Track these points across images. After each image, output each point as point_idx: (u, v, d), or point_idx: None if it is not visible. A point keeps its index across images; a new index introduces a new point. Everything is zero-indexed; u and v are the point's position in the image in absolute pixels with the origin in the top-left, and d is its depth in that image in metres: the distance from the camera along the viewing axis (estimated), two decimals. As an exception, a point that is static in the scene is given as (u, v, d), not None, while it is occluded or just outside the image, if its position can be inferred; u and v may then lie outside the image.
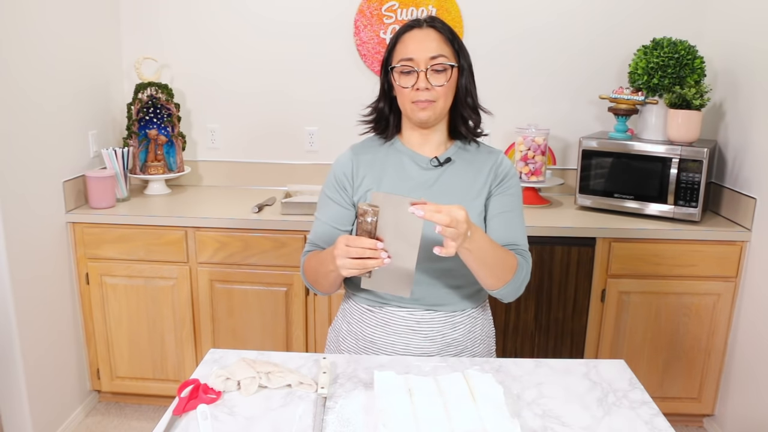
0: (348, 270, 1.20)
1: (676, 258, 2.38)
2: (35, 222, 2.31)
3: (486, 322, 1.53)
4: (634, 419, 1.17)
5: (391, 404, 1.13)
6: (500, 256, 1.33)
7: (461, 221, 1.16)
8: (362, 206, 1.18)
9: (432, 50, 1.35)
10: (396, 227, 1.18)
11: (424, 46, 1.35)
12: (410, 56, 1.35)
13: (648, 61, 2.48)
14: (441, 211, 1.14)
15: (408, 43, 1.37)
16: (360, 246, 1.18)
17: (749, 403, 2.35)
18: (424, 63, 1.35)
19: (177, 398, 1.19)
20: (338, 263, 1.21)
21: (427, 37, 1.37)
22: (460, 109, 1.43)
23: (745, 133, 2.45)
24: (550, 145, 2.80)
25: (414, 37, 1.37)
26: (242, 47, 2.89)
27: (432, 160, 1.43)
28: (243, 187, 3.01)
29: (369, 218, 1.18)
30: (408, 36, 1.38)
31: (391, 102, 1.46)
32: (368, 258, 1.18)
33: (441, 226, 1.14)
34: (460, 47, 1.40)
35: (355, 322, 1.48)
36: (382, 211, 1.18)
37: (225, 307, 2.53)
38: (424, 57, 1.35)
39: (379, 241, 1.19)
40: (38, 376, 2.34)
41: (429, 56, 1.35)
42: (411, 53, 1.35)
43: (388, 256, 1.18)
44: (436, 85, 1.35)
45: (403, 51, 1.37)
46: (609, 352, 2.48)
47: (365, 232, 1.19)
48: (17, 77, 2.19)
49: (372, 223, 1.18)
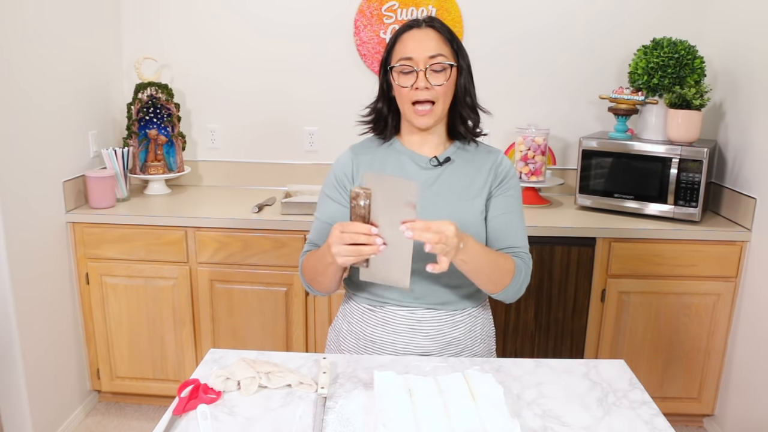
0: (344, 258, 1.19)
1: (676, 258, 2.38)
2: (35, 222, 2.31)
3: (486, 321, 1.53)
4: (634, 419, 1.17)
5: (391, 404, 1.13)
6: (496, 261, 1.34)
7: (451, 236, 1.17)
8: (354, 190, 1.17)
9: (431, 49, 1.35)
10: (390, 210, 1.16)
11: (423, 45, 1.36)
12: (409, 55, 1.36)
13: (648, 61, 2.48)
14: (430, 229, 1.15)
15: (407, 43, 1.37)
16: (353, 231, 1.17)
17: (749, 403, 2.35)
18: (423, 62, 1.35)
19: (177, 398, 1.19)
20: (333, 251, 1.20)
21: (426, 37, 1.37)
22: (459, 108, 1.43)
23: (745, 133, 2.45)
24: (550, 145, 2.80)
25: (413, 37, 1.37)
26: (242, 47, 2.89)
27: (431, 159, 1.44)
28: (243, 187, 3.01)
29: (362, 201, 1.16)
30: (407, 36, 1.38)
31: (390, 102, 1.45)
32: (363, 244, 1.17)
33: (431, 244, 1.16)
34: (458, 47, 1.40)
35: (355, 322, 1.48)
36: (374, 193, 1.16)
37: (225, 307, 2.53)
38: (423, 56, 1.35)
39: (374, 226, 1.17)
40: (38, 376, 2.34)
41: (428, 55, 1.35)
42: (410, 52, 1.36)
43: (383, 242, 1.17)
44: (435, 84, 1.35)
45: (402, 50, 1.37)
46: (609, 352, 2.48)
47: (359, 217, 1.17)
48: (18, 77, 2.19)
49: (365, 207, 1.16)
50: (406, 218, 1.16)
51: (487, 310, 1.55)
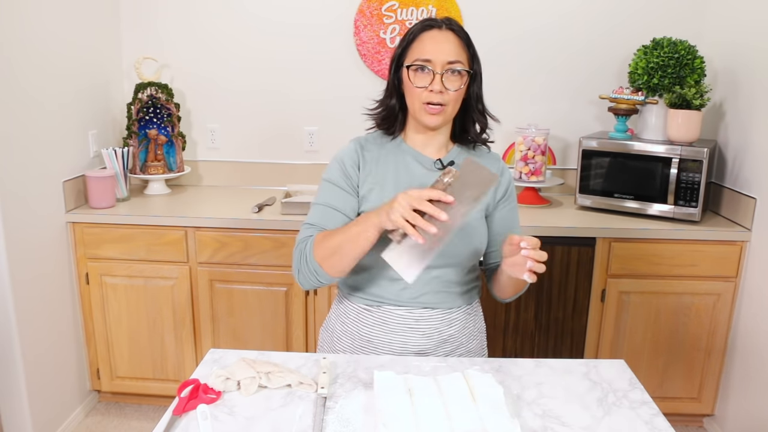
0: (399, 215, 1.15)
1: (676, 258, 2.38)
2: (35, 222, 2.31)
3: (478, 319, 1.56)
4: (634, 419, 1.17)
5: (391, 404, 1.13)
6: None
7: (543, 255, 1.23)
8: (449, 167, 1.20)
9: (451, 54, 1.34)
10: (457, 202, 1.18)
11: (443, 48, 1.34)
12: (428, 57, 1.34)
13: (648, 61, 2.48)
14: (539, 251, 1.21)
15: (426, 43, 1.35)
16: (429, 196, 1.15)
17: (749, 403, 2.35)
18: (441, 66, 1.34)
19: (177, 398, 1.19)
20: (395, 205, 1.16)
21: (446, 40, 1.35)
22: (471, 113, 1.44)
23: (745, 133, 2.45)
24: (550, 145, 2.80)
25: (432, 38, 1.36)
26: (242, 47, 2.89)
27: (436, 162, 1.44)
28: (243, 187, 3.01)
29: (446, 179, 1.19)
30: (426, 36, 1.36)
31: (400, 99, 1.43)
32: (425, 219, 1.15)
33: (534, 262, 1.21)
34: (474, 53, 1.40)
35: (351, 322, 1.48)
36: (461, 177, 1.18)
37: (225, 307, 2.53)
38: (442, 60, 1.34)
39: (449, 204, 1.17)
40: (38, 375, 2.34)
41: (447, 60, 1.34)
42: (429, 54, 1.34)
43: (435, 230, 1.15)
44: (450, 89, 1.34)
45: (420, 50, 1.35)
46: (609, 352, 2.48)
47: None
48: (18, 76, 2.19)
49: (447, 184, 1.19)
50: (458, 217, 1.18)
51: (479, 308, 1.57)
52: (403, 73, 1.39)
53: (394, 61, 1.42)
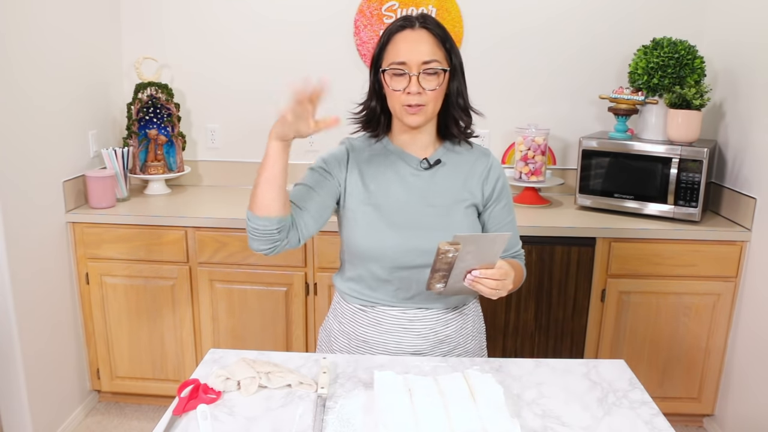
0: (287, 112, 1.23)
1: (676, 258, 2.38)
2: (35, 222, 2.31)
3: (477, 319, 1.55)
4: (634, 419, 1.17)
5: (391, 404, 1.13)
6: (519, 274, 1.44)
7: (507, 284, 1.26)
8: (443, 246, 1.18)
9: (425, 54, 1.31)
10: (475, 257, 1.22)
11: (417, 49, 1.31)
12: (402, 59, 1.31)
13: (648, 61, 2.48)
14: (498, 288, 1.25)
15: (400, 45, 1.33)
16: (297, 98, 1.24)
17: (749, 403, 2.35)
18: (417, 67, 1.31)
19: (177, 398, 1.19)
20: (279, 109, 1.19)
21: (420, 40, 1.32)
22: (451, 110, 1.41)
23: (745, 133, 2.45)
24: (550, 145, 2.80)
25: (406, 39, 1.33)
26: (242, 47, 2.89)
27: (422, 161, 1.42)
28: (243, 187, 3.01)
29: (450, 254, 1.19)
30: (399, 37, 1.34)
31: (382, 101, 1.42)
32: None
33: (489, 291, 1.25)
34: (451, 47, 1.36)
35: (346, 322, 1.49)
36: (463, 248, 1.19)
37: (225, 307, 2.53)
38: (417, 61, 1.31)
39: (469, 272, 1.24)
40: (38, 375, 2.34)
41: (422, 60, 1.31)
42: (403, 56, 1.31)
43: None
44: (427, 89, 1.32)
45: (395, 53, 1.33)
46: (609, 352, 2.48)
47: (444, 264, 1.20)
48: (18, 76, 2.19)
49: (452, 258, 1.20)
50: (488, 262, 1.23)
51: (478, 308, 1.56)
52: (381, 77, 1.37)
53: (372, 63, 1.40)
